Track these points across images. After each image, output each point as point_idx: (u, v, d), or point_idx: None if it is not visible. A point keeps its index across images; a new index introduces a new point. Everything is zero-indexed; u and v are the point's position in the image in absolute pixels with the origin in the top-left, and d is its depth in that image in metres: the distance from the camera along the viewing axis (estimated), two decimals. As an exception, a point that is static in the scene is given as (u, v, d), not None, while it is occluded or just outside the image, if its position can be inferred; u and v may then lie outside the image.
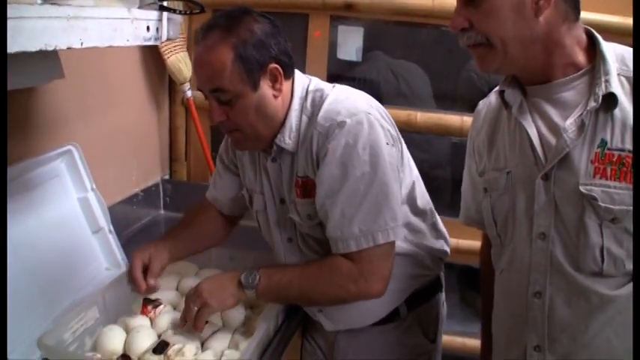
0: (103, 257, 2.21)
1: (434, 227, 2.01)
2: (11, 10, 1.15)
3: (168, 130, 3.19)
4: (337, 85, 1.85)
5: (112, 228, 2.23)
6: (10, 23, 1.15)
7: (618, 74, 1.42)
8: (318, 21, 2.91)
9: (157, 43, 1.78)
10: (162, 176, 3.15)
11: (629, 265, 1.43)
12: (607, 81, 1.40)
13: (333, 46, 2.95)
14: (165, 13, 1.79)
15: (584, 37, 1.48)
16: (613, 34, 2.49)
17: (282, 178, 1.85)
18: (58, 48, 1.31)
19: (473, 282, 3.10)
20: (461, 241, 2.78)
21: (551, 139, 1.46)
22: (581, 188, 1.42)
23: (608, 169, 1.41)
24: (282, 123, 1.78)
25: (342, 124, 1.68)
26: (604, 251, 1.43)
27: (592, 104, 1.40)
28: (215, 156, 2.95)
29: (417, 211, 1.93)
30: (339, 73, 3.03)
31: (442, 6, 2.70)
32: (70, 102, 2.29)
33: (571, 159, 1.43)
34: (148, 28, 1.70)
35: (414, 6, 2.75)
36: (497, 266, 1.70)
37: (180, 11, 1.86)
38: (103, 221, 2.20)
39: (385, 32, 3.09)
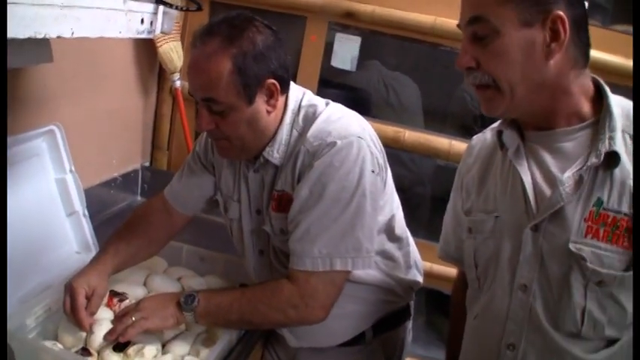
0: (75, 241, 2.19)
1: (408, 256, 1.99)
2: (2, -4, 1.13)
3: (153, 118, 3.17)
4: (331, 103, 1.82)
5: (86, 212, 2.21)
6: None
7: (623, 131, 1.36)
8: (315, 25, 2.89)
9: (150, 36, 1.77)
10: (142, 163, 3.12)
11: (609, 331, 1.39)
12: (611, 138, 1.34)
13: (327, 52, 2.92)
14: (161, 7, 1.76)
15: (591, 86, 1.43)
16: (612, 74, 2.51)
17: (263, 189, 1.82)
18: (48, 36, 1.29)
19: (441, 306, 3.12)
20: (435, 265, 2.77)
21: (546, 190, 1.41)
22: (571, 246, 1.36)
23: (601, 230, 1.35)
24: (273, 136, 1.75)
25: (331, 145, 1.65)
26: (585, 314, 1.38)
27: (593, 160, 1.34)
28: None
29: (393, 238, 1.90)
30: (331, 79, 3.01)
31: (443, 25, 2.68)
32: (57, 83, 2.27)
33: (564, 214, 1.37)
34: (142, 20, 1.69)
35: (414, 22, 2.73)
36: (470, 309, 1.64)
37: (177, 7, 1.84)
38: (79, 204, 2.18)
39: (382, 43, 3.08)
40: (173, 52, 2.91)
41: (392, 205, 1.88)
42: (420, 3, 2.74)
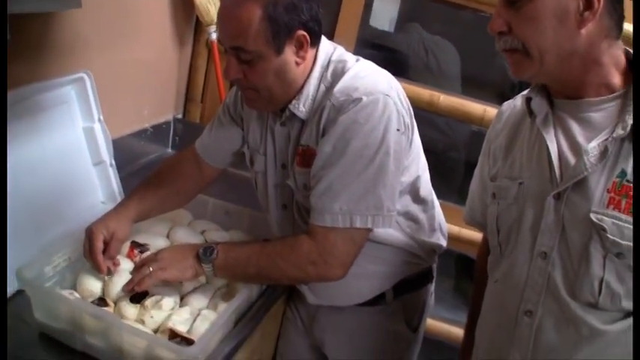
0: (101, 191, 2.20)
1: (432, 219, 1.97)
2: None
3: (188, 70, 3.13)
4: (361, 60, 1.78)
5: (113, 162, 2.21)
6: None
7: None
8: (357, -17, 2.83)
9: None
10: (174, 115, 3.10)
11: (626, 303, 1.37)
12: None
13: (366, 12, 2.87)
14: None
15: (622, 58, 1.40)
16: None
17: (289, 143, 1.80)
18: (75, -18, 1.26)
19: (469, 271, 3.10)
20: (463, 230, 2.76)
21: (571, 159, 1.40)
22: (592, 216, 1.35)
23: (623, 202, 1.34)
24: (300, 89, 1.73)
25: (357, 101, 1.63)
26: (603, 284, 1.37)
27: (619, 132, 1.33)
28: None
29: (418, 199, 1.89)
30: (370, 39, 2.97)
31: (485, -10, 2.61)
32: (89, 30, 2.24)
33: (587, 184, 1.37)
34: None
35: (456, -15, 2.67)
36: (491, 275, 1.65)
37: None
38: (106, 154, 2.18)
39: (422, 6, 3.02)
40: (210, 3, 2.87)
41: (418, 166, 1.86)
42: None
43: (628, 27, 1.42)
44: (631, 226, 1.32)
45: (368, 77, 1.70)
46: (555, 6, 1.31)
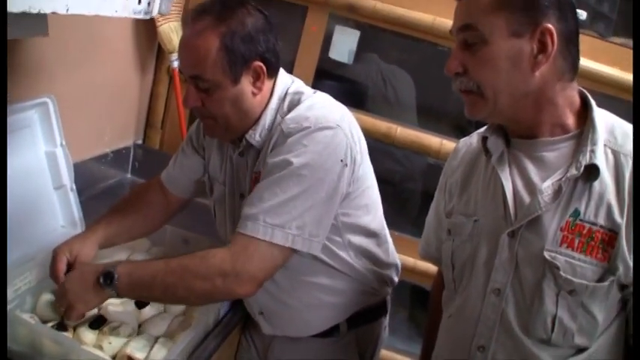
0: (61, 214, 2.19)
1: (386, 253, 2.00)
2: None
3: (149, 96, 3.16)
4: (319, 93, 1.83)
5: (74, 186, 2.20)
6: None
7: (605, 145, 1.40)
8: (316, 16, 2.89)
9: (147, 17, 1.76)
10: (134, 140, 3.12)
11: (579, 340, 1.42)
12: (592, 151, 1.38)
13: (326, 44, 2.92)
14: (160, -12, 1.76)
15: (577, 99, 1.46)
16: (610, 86, 2.57)
17: (247, 173, 1.83)
18: (42, 12, 1.30)
19: (423, 302, 3.13)
20: (419, 262, 2.78)
21: (526, 198, 1.44)
22: (546, 254, 1.40)
23: (576, 240, 1.38)
24: (257, 120, 1.77)
25: (306, 129, 1.66)
26: (556, 320, 1.42)
27: (573, 172, 1.38)
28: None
29: (367, 233, 1.90)
30: (329, 70, 3.02)
31: (442, 25, 2.68)
32: (54, 56, 2.26)
33: (541, 222, 1.41)
34: (139, 1, 1.68)
35: (414, 20, 2.74)
36: (446, 310, 1.67)
37: (171, -10, 1.84)
38: (67, 178, 2.17)
39: (381, 38, 3.08)
40: (173, 32, 2.91)
41: (367, 198, 1.87)
42: (421, 2, 2.75)
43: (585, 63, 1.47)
44: (583, 265, 1.38)
45: (322, 109, 1.73)
46: (510, 49, 1.36)
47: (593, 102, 1.46)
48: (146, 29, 2.91)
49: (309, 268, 1.83)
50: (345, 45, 2.88)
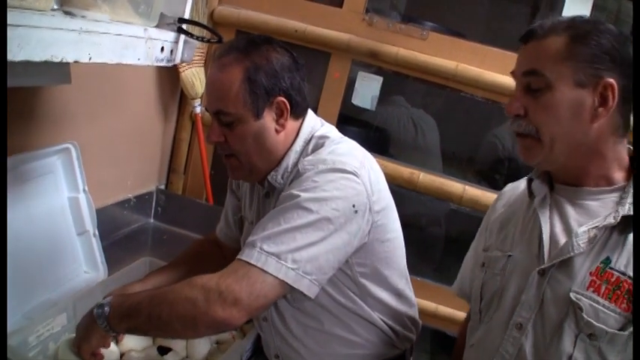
0: (84, 260, 2.19)
1: (405, 307, 1.93)
2: (22, 17, 1.14)
3: (172, 141, 3.18)
4: (346, 139, 1.81)
5: (97, 232, 2.21)
6: (19, 31, 1.13)
7: None
8: (339, 62, 2.90)
9: (170, 64, 1.76)
10: (157, 185, 3.12)
11: None
12: (632, 204, 1.40)
13: (349, 89, 2.94)
14: (182, 36, 1.77)
15: (625, 156, 1.49)
16: None
17: None
18: (65, 60, 1.29)
19: (445, 347, 3.11)
20: (440, 307, 2.77)
21: (561, 240, 1.47)
22: (572, 295, 1.41)
23: (603, 287, 1.39)
24: (280, 161, 1.76)
25: (321, 170, 1.64)
26: None
27: (610, 220, 1.40)
28: (213, 174, 2.96)
29: (387, 286, 1.85)
30: (353, 115, 3.03)
31: (464, 72, 2.72)
32: (77, 103, 2.28)
33: (572, 264, 1.43)
34: (162, 49, 1.68)
35: (436, 66, 2.75)
36: (469, 340, 1.69)
37: (198, 37, 1.85)
38: (90, 224, 2.18)
39: (404, 85, 3.10)
40: (195, 77, 2.93)
41: (388, 253, 1.82)
42: (443, 48, 2.77)
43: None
44: (607, 311, 1.38)
45: (342, 155, 1.70)
46: (572, 99, 1.41)
47: None
48: (169, 75, 2.93)
49: (322, 317, 1.80)
50: (367, 91, 2.89)
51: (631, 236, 1.38)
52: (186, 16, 1.78)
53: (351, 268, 1.75)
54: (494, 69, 2.71)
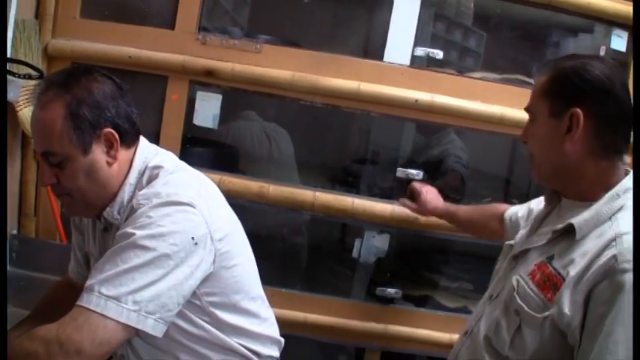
0: None
1: (262, 328, 1.92)
2: None
3: (19, 184, 3.06)
4: (181, 167, 1.79)
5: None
6: None
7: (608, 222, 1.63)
8: (176, 84, 2.87)
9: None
10: (9, 231, 3.00)
11: (510, 353, 1.70)
12: (584, 217, 1.66)
13: (191, 110, 2.91)
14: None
15: (611, 176, 1.69)
16: (471, 119, 2.81)
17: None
18: None
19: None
20: (309, 316, 2.77)
21: (532, 235, 1.84)
22: (515, 277, 1.75)
23: (538, 276, 1.69)
24: (115, 195, 1.71)
25: (155, 204, 1.61)
26: (498, 327, 1.75)
27: (559, 226, 1.70)
28: (64, 212, 2.88)
29: (239, 311, 1.83)
30: (198, 136, 2.99)
31: (301, 80, 2.75)
32: None
33: (529, 255, 1.77)
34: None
35: (272, 78, 2.77)
36: None
37: (19, 75, 1.80)
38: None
39: (245, 99, 3.09)
40: (33, 116, 2.84)
41: (237, 278, 1.81)
42: (279, 59, 2.79)
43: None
44: (532, 295, 1.67)
45: (177, 187, 1.69)
46: (548, 127, 1.71)
47: (627, 184, 1.67)
48: (9, 115, 2.82)
49: (176, 350, 1.77)
50: (208, 110, 2.86)
51: (580, 245, 1.63)
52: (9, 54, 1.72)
53: (200, 299, 1.72)
54: (330, 74, 2.75)
